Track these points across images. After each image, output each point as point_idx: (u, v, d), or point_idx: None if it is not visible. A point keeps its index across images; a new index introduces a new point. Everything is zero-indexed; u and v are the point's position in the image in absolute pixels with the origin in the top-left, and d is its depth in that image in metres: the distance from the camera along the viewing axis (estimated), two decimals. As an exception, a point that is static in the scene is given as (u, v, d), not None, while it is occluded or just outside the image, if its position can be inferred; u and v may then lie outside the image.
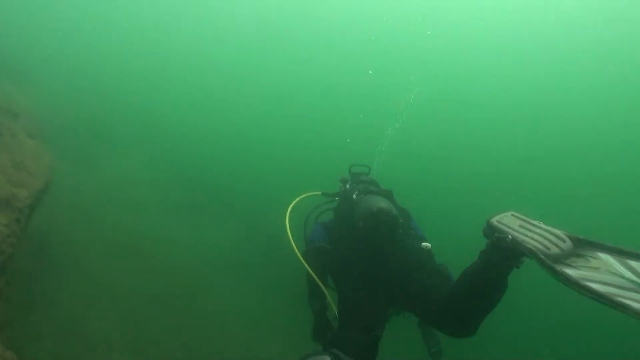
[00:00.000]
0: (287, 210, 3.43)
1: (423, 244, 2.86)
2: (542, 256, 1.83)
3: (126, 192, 8.19)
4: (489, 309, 2.34)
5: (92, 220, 6.75)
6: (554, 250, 1.86)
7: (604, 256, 1.85)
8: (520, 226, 2.09)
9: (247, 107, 17.10)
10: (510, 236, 2.03)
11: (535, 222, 2.11)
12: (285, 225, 3.27)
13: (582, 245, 1.94)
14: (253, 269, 7.82)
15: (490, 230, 2.17)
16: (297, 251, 3.11)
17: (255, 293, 7.19)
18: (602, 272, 1.73)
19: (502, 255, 2.11)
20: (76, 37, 16.55)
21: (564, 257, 1.85)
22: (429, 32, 18.56)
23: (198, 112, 15.42)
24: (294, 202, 3.60)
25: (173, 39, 19.41)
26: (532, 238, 1.97)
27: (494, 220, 2.19)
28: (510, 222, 2.14)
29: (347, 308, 2.77)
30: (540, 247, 1.89)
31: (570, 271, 1.74)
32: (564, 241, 1.91)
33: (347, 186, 3.54)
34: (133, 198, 8.12)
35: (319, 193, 3.90)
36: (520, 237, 2.00)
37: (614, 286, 1.60)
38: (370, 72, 17.76)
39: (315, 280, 2.93)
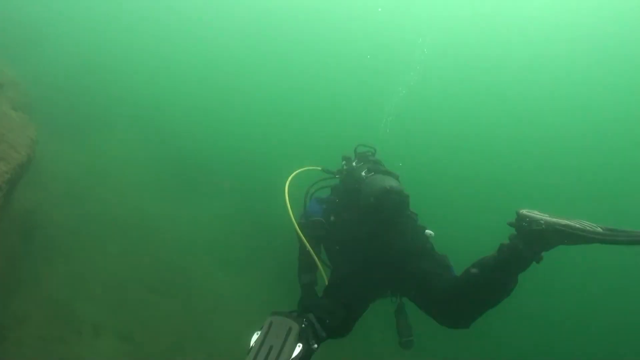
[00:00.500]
0: (286, 181, 3.44)
1: (427, 230, 2.87)
2: (582, 229, 1.88)
3: (116, 171, 7.94)
4: (494, 304, 2.33)
5: (80, 200, 6.52)
6: (589, 230, 1.90)
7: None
8: (550, 216, 2.08)
9: (241, 77, 16.65)
10: (543, 220, 2.02)
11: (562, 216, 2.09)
12: (285, 196, 3.26)
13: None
14: (246, 253, 7.64)
15: (520, 219, 2.14)
16: (294, 222, 3.09)
17: (249, 277, 7.02)
18: None
19: (532, 242, 2.08)
20: (71, 10, 16.00)
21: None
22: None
23: (190, 89, 15.04)
24: (293, 173, 3.59)
25: (168, 18, 18.81)
26: (565, 220, 1.98)
27: (524, 211, 2.17)
28: (539, 213, 2.13)
29: (336, 282, 2.75)
30: (577, 225, 1.92)
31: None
32: (596, 227, 1.93)
33: (354, 164, 3.51)
34: (123, 178, 7.87)
35: (319, 168, 3.90)
36: (554, 220, 2.00)
37: None
38: (380, 9, 16.90)
39: (309, 253, 2.93)
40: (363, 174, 3.13)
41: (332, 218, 3.18)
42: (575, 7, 15.91)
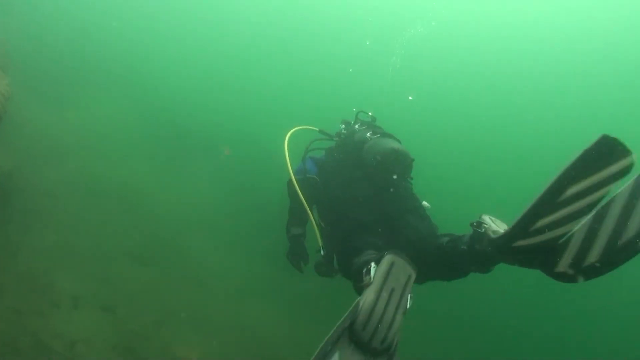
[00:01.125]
0: (285, 136, 3.56)
1: (423, 202, 3.02)
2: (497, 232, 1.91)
3: (103, 135, 7.58)
4: (445, 279, 2.59)
5: (62, 164, 6.20)
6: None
7: None
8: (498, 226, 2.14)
9: (238, 43, 15.95)
10: (485, 226, 2.12)
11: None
12: (284, 147, 3.39)
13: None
14: (237, 224, 7.42)
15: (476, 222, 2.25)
16: (292, 174, 3.21)
17: (239, 250, 6.83)
18: None
19: (474, 243, 2.22)
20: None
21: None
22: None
23: (186, 49, 14.37)
24: (292, 129, 3.74)
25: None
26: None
27: (485, 216, 2.26)
28: (496, 222, 2.19)
29: (335, 240, 2.91)
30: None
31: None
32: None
33: (357, 127, 3.58)
34: (110, 143, 7.53)
35: (316, 129, 4.01)
36: (494, 227, 2.06)
37: None
38: None
39: (302, 206, 3.06)
40: (368, 135, 3.22)
41: (326, 178, 3.31)
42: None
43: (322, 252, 3.03)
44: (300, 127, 3.89)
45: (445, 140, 14.01)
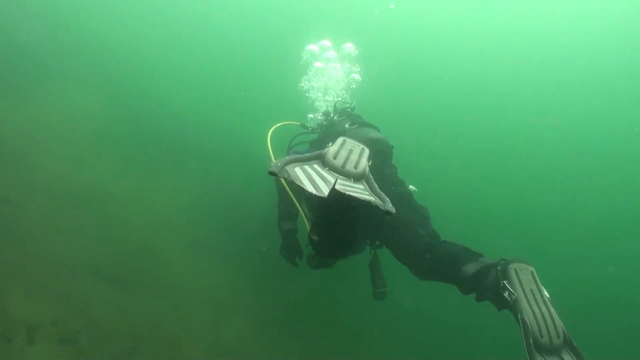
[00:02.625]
0: (268, 132, 3.61)
1: (410, 186, 3.14)
2: (531, 340, 1.95)
3: (68, 134, 6.94)
4: (450, 284, 2.68)
5: (22, 166, 5.60)
6: (545, 340, 1.96)
7: None
8: (531, 291, 2.16)
9: (215, 39, 15.34)
10: (515, 295, 2.15)
11: (546, 294, 2.17)
12: (267, 143, 3.45)
13: (570, 350, 2.00)
14: (216, 236, 6.94)
15: (503, 275, 2.27)
16: None
17: (217, 263, 6.36)
18: None
19: (497, 300, 2.30)
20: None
21: (548, 352, 1.96)
22: None
23: (159, 48, 13.65)
24: (274, 126, 3.78)
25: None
26: (533, 312, 2.05)
27: (513, 267, 2.26)
28: (525, 280, 2.21)
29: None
30: (536, 329, 1.98)
31: None
32: (559, 337, 1.98)
33: (335, 118, 3.66)
34: (76, 143, 6.90)
35: (297, 123, 4.09)
36: (524, 304, 2.09)
37: None
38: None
39: (291, 200, 3.11)
40: (347, 126, 3.34)
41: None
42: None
43: None
44: (282, 123, 3.93)
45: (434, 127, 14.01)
